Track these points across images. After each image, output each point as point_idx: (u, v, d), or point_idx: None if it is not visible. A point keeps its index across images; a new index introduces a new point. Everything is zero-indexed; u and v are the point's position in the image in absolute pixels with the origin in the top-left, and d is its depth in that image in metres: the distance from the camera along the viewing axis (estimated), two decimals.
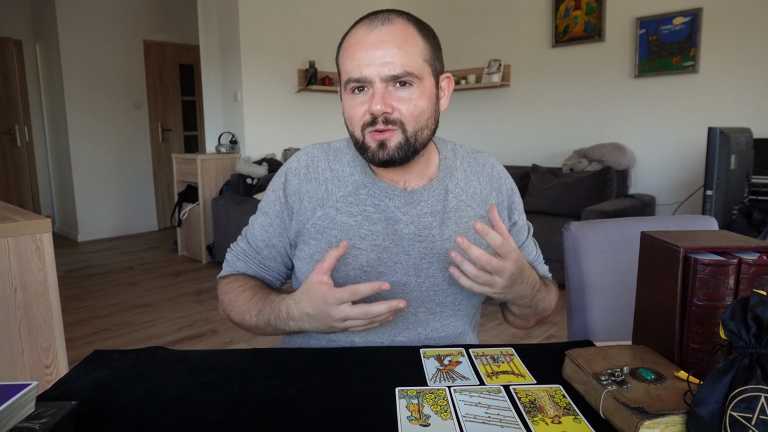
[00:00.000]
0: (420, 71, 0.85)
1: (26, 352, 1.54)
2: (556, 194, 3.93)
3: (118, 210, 5.61)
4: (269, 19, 4.51)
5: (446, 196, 0.95)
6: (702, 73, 3.58)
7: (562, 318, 3.06)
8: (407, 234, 0.92)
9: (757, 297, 0.55)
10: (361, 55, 0.84)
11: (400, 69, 0.83)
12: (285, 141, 4.72)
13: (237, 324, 0.97)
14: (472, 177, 0.99)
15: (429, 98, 0.87)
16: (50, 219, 1.61)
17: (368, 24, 0.85)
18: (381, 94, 0.83)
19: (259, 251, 1.00)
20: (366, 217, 0.92)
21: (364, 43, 0.84)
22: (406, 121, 0.85)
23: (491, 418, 0.64)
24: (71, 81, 5.16)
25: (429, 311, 0.94)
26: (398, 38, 0.84)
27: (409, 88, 0.84)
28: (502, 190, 1.01)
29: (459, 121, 5.02)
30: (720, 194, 2.26)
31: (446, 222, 0.94)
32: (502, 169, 1.04)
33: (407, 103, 0.84)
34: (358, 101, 0.86)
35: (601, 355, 0.73)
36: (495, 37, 4.65)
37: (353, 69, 0.84)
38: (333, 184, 0.95)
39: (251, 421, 0.65)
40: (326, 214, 0.93)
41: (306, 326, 0.85)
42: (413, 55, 0.84)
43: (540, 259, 1.08)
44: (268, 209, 0.99)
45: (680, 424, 0.57)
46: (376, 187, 0.93)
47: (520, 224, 1.05)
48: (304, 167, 0.97)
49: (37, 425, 0.56)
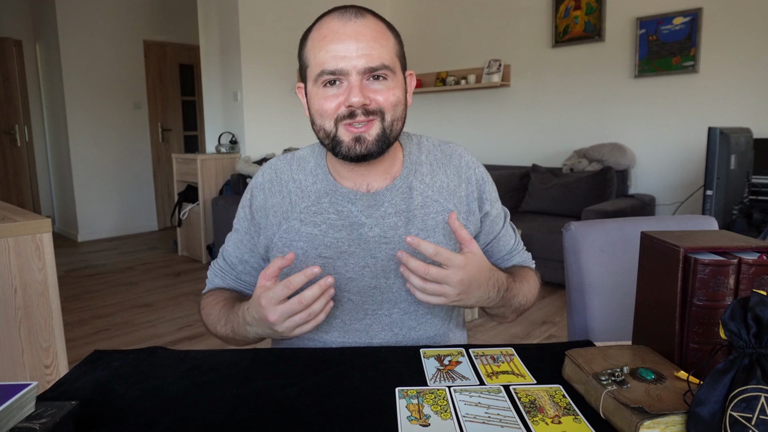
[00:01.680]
0: (394, 64, 0.85)
1: (26, 352, 1.54)
2: (556, 194, 3.93)
3: (118, 210, 5.61)
4: (269, 19, 4.51)
5: (410, 194, 0.93)
6: (702, 73, 3.58)
7: (562, 318, 3.06)
8: (372, 237, 0.91)
9: (757, 297, 0.55)
10: (337, 47, 0.82)
11: (377, 61, 0.82)
12: (285, 141, 4.72)
13: (217, 336, 0.97)
14: (439, 170, 0.97)
15: (402, 90, 0.88)
16: (50, 219, 1.61)
17: (341, 16, 0.83)
18: (359, 86, 0.82)
19: (233, 267, 1.02)
20: (330, 225, 0.92)
21: (339, 34, 0.82)
22: (385, 109, 0.84)
23: (491, 418, 0.64)
24: (71, 81, 5.16)
25: (403, 311, 0.94)
26: (373, 32, 0.83)
27: (384, 81, 0.84)
28: (471, 180, 0.98)
29: (459, 121, 5.01)
30: (720, 194, 2.26)
31: (412, 221, 0.93)
32: (471, 159, 1.00)
33: (384, 93, 0.84)
34: (329, 94, 0.84)
35: (601, 355, 0.73)
36: (495, 37, 4.64)
37: (328, 60, 0.82)
38: (296, 196, 0.94)
39: (251, 421, 0.65)
40: (291, 226, 0.93)
41: (261, 332, 0.83)
42: (388, 49, 0.84)
43: (520, 247, 1.06)
44: (238, 226, 1.01)
45: (680, 424, 0.57)
46: (338, 194, 0.92)
47: (494, 214, 1.01)
48: (269, 181, 0.97)
49: (37, 425, 0.56)
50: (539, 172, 4.17)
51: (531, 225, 3.67)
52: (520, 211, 4.16)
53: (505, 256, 1.04)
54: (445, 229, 0.94)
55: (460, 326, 1.06)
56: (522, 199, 4.20)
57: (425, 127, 5.17)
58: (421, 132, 1.03)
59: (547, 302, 3.31)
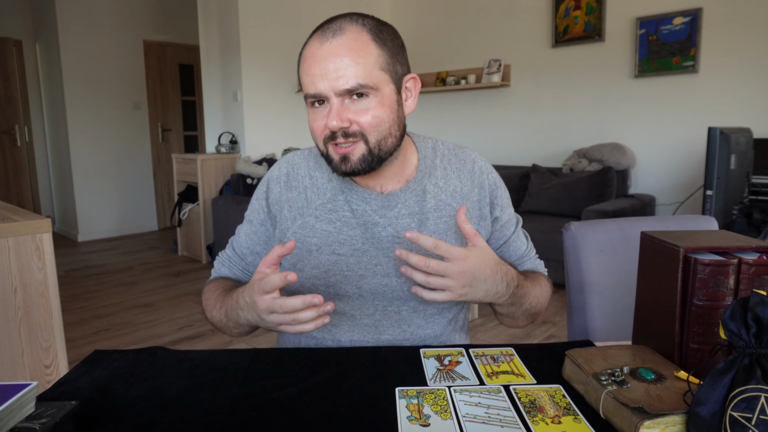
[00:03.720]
0: (375, 81, 0.82)
1: (26, 352, 1.54)
2: (556, 194, 3.93)
3: (118, 210, 5.61)
4: (269, 19, 4.51)
5: (424, 197, 0.94)
6: (702, 73, 3.58)
7: (562, 318, 3.06)
8: (385, 237, 0.93)
9: (757, 297, 0.55)
10: (315, 70, 0.82)
11: (353, 82, 0.81)
12: (285, 141, 4.72)
13: (212, 323, 0.97)
14: (452, 175, 0.98)
15: (389, 106, 0.85)
16: (50, 219, 1.61)
17: (320, 36, 0.83)
18: (337, 110, 0.82)
19: (243, 258, 1.03)
20: (344, 223, 0.93)
21: (316, 57, 0.82)
22: (366, 132, 0.84)
23: (491, 418, 0.64)
24: (71, 81, 5.16)
25: (412, 309, 0.95)
26: (349, 50, 0.81)
27: (365, 99, 0.83)
28: (484, 185, 0.99)
29: (459, 121, 5.02)
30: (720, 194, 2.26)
31: (425, 223, 0.94)
32: (485, 164, 1.01)
33: (365, 114, 0.83)
34: (318, 115, 0.85)
35: (601, 355, 0.73)
36: (495, 37, 4.64)
37: (308, 84, 0.83)
38: (312, 192, 0.96)
39: (251, 421, 0.65)
40: (306, 222, 0.94)
41: (250, 318, 0.83)
42: (367, 66, 0.82)
43: (532, 253, 1.07)
44: (252, 218, 1.01)
45: (680, 424, 0.57)
46: (353, 193, 0.93)
47: (505, 219, 1.02)
48: (285, 175, 0.98)
49: (37, 425, 0.56)
50: (539, 172, 4.17)
51: (531, 225, 3.67)
52: (520, 211, 4.16)
53: (516, 261, 1.04)
54: (458, 233, 0.95)
55: (464, 327, 1.07)
56: (522, 199, 4.20)
57: (425, 127, 5.17)
58: (421, 132, 1.04)
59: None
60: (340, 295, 0.94)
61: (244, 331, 0.94)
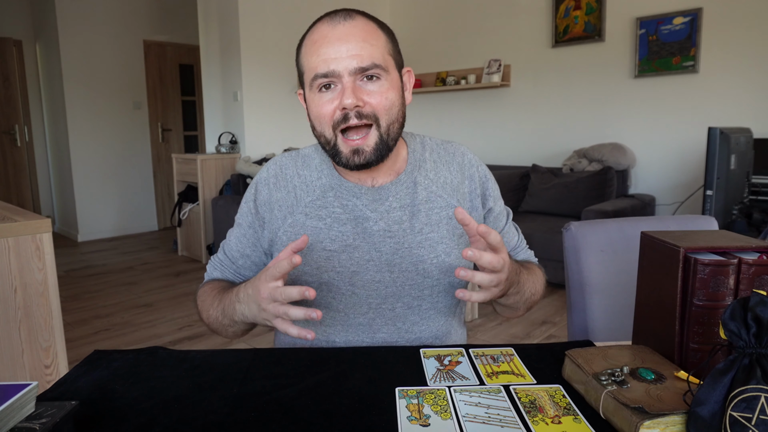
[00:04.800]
0: (386, 63, 0.85)
1: (26, 352, 1.54)
2: (556, 194, 3.93)
3: (118, 210, 5.61)
4: (269, 19, 4.51)
5: (415, 189, 0.94)
6: (702, 73, 3.58)
7: (562, 318, 3.06)
8: (377, 231, 0.92)
9: (757, 297, 0.55)
10: (327, 50, 0.83)
11: (368, 61, 0.83)
12: (285, 141, 4.72)
13: (207, 325, 0.97)
14: (442, 167, 0.98)
15: (397, 90, 0.88)
16: (50, 219, 1.61)
17: (330, 20, 0.85)
18: (351, 88, 0.82)
19: (234, 261, 1.03)
20: (335, 219, 0.93)
21: (329, 38, 0.83)
22: (379, 114, 0.84)
23: (491, 418, 0.64)
24: (71, 81, 5.16)
25: (406, 306, 0.95)
26: (362, 32, 0.84)
27: (377, 81, 0.84)
28: (474, 177, 0.99)
29: (459, 121, 5.02)
30: (720, 194, 2.26)
31: (416, 214, 0.94)
32: (474, 157, 1.02)
33: (378, 96, 0.84)
34: (326, 99, 0.85)
35: (601, 355, 0.73)
36: (495, 37, 4.64)
37: (319, 64, 0.83)
38: (301, 191, 0.96)
39: (251, 421, 0.65)
40: (296, 220, 0.94)
41: (247, 312, 0.83)
42: (379, 48, 0.85)
43: (523, 244, 1.07)
44: (241, 221, 1.01)
45: (680, 424, 0.57)
46: (343, 188, 0.93)
47: (497, 210, 1.02)
48: (273, 176, 0.98)
49: (37, 425, 0.56)
50: (539, 172, 4.17)
51: (531, 225, 3.67)
52: (520, 211, 4.16)
53: (510, 252, 1.04)
54: (449, 224, 0.95)
55: (461, 323, 1.07)
56: (522, 199, 4.20)
57: (425, 127, 5.17)
58: (421, 132, 1.04)
59: (547, 302, 3.31)
60: (333, 293, 0.93)
61: (239, 330, 0.94)
